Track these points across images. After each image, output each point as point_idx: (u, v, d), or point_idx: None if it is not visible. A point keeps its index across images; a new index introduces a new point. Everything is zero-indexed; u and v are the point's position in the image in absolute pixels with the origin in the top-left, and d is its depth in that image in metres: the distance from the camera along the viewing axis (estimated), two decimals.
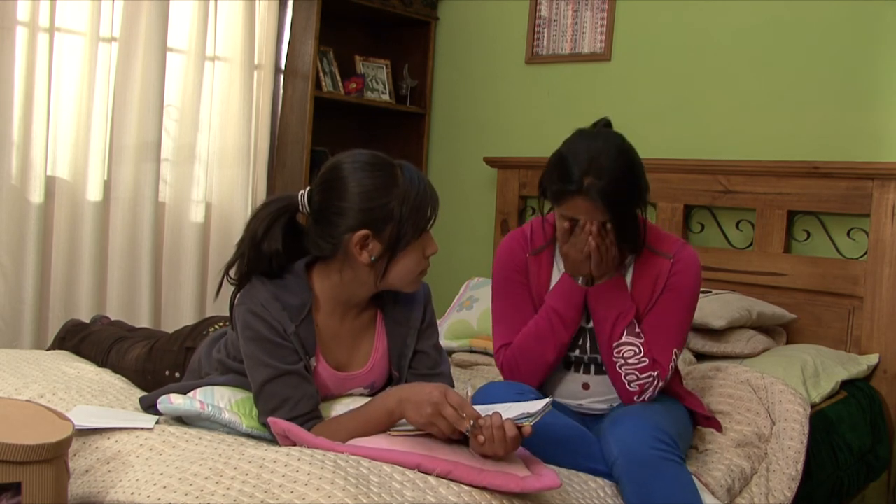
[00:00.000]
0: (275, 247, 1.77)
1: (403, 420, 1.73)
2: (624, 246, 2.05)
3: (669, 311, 2.07)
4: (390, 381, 1.93)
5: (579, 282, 2.07)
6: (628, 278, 2.10)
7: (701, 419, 2.25)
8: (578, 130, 2.06)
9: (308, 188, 1.81)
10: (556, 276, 2.14)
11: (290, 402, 1.72)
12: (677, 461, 1.83)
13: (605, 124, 2.09)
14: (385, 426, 1.67)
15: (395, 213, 1.73)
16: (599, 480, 1.83)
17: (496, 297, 2.20)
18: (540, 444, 1.76)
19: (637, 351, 2.03)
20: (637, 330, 2.05)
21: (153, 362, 2.16)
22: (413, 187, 1.75)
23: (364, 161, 1.76)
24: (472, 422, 1.55)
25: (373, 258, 1.75)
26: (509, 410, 1.62)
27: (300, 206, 1.80)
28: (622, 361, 2.04)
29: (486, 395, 1.96)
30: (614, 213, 1.96)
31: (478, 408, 1.65)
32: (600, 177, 1.92)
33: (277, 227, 1.78)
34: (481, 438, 1.54)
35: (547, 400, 1.67)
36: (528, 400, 1.83)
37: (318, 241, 1.78)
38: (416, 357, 1.90)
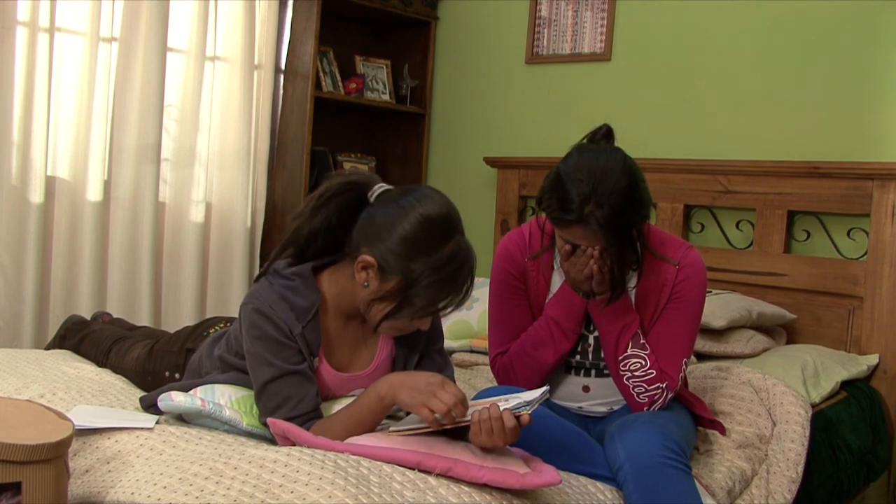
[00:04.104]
0: (325, 222, 1.73)
1: (402, 416, 1.73)
2: (627, 262, 1.99)
3: (677, 321, 2.03)
4: None
5: (580, 294, 2.03)
6: (632, 285, 2.06)
7: (705, 421, 2.23)
8: (577, 147, 1.96)
9: (386, 188, 1.76)
10: (555, 280, 2.11)
11: (292, 401, 1.72)
12: (685, 470, 1.81)
13: (605, 133, 2.01)
14: (377, 412, 1.67)
15: (411, 276, 1.68)
16: (599, 485, 1.82)
17: (493, 303, 2.17)
18: (539, 447, 1.75)
19: (643, 363, 2.01)
20: (642, 341, 2.02)
21: (153, 363, 2.16)
22: (448, 268, 1.68)
23: (431, 213, 1.68)
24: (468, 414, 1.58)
25: (365, 284, 1.72)
26: (507, 402, 1.62)
27: (369, 193, 1.76)
28: (629, 374, 2.01)
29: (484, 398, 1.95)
30: (616, 239, 1.90)
31: (474, 402, 1.66)
32: (601, 205, 1.84)
33: (339, 198, 1.74)
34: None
35: (544, 388, 1.67)
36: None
37: (353, 233, 1.75)
38: (421, 362, 1.90)
